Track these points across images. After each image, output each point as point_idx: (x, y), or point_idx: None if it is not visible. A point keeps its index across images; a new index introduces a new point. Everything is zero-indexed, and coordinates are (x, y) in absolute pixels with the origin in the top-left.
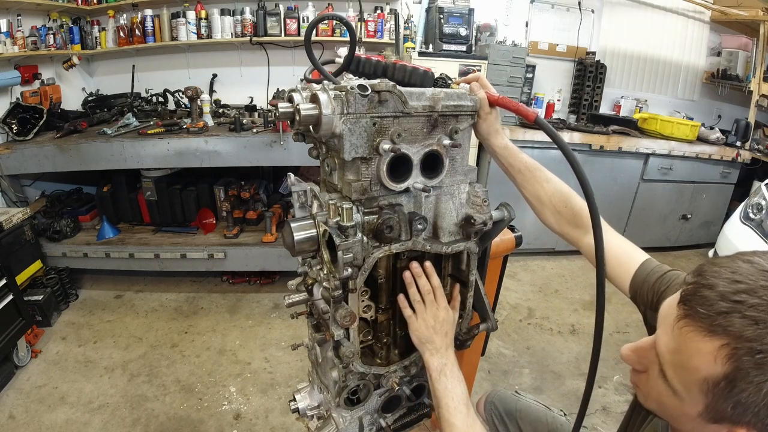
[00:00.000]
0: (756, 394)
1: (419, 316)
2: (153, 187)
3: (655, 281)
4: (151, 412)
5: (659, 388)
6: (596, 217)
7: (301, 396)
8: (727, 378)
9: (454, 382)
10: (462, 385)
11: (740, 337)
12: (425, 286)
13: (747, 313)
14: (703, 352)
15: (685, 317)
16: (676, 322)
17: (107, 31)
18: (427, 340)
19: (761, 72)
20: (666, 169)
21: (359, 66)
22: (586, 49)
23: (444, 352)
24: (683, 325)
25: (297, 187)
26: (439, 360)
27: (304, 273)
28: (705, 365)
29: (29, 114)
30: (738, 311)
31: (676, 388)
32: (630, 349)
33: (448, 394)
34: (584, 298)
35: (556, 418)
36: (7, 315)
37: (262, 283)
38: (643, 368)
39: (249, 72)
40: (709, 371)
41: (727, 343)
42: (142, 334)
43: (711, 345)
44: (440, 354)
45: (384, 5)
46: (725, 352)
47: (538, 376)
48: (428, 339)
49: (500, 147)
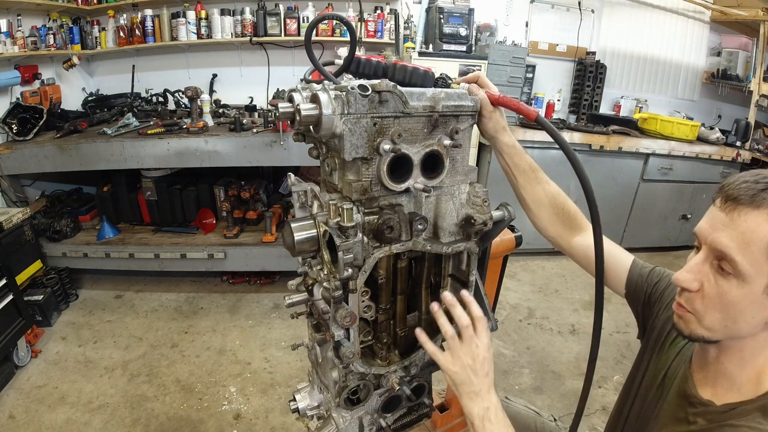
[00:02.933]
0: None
1: (454, 354)
2: (153, 187)
3: (647, 275)
4: (151, 412)
5: (722, 289)
6: (597, 216)
7: (301, 396)
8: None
9: (500, 428)
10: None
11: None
12: (463, 319)
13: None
14: (760, 221)
15: (736, 207)
16: (730, 213)
17: (107, 31)
18: (465, 382)
19: (761, 72)
20: (666, 169)
21: (359, 66)
22: (586, 49)
23: (486, 396)
24: (737, 213)
25: (297, 187)
26: (480, 405)
27: (304, 273)
28: (765, 231)
29: (29, 114)
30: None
31: (745, 270)
32: (685, 270)
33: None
34: (584, 298)
35: (545, 423)
36: (7, 315)
37: (262, 283)
38: (698, 285)
39: (249, 72)
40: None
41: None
42: (142, 334)
43: (763, 214)
44: (481, 398)
45: (384, 5)
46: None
47: (538, 376)
48: (466, 381)
49: (508, 145)
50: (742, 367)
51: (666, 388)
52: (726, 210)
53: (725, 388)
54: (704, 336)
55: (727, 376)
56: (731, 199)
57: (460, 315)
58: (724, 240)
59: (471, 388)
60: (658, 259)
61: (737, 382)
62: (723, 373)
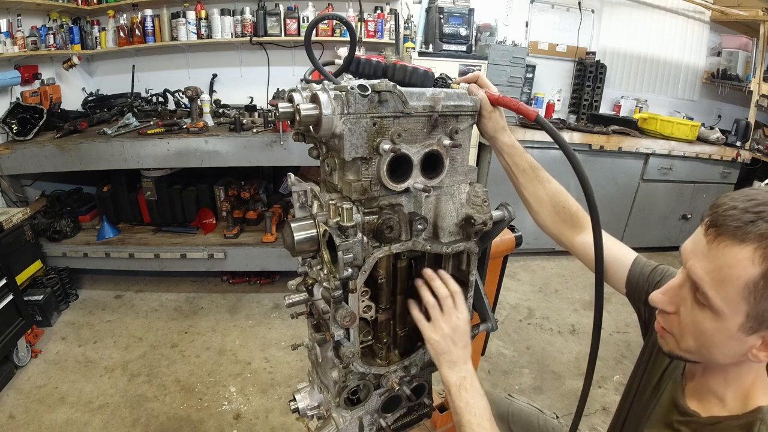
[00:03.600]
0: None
1: (435, 324)
2: (153, 187)
3: (649, 274)
4: (151, 412)
5: (696, 318)
6: (596, 216)
7: (301, 396)
8: (764, 276)
9: (475, 396)
10: (483, 400)
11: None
12: (441, 289)
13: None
14: (740, 259)
15: (718, 236)
16: (710, 243)
17: (107, 31)
18: (444, 351)
19: (761, 72)
20: (666, 169)
21: (359, 66)
22: (586, 49)
23: (462, 365)
24: (718, 243)
25: (297, 187)
26: (457, 374)
27: (304, 273)
28: (744, 271)
29: (29, 114)
30: (762, 218)
31: (718, 306)
32: (660, 292)
33: (470, 410)
34: (584, 298)
35: (548, 421)
36: (7, 315)
37: (262, 283)
38: (674, 308)
39: (249, 72)
40: (749, 274)
41: (759, 244)
42: (142, 334)
43: (746, 251)
44: (458, 367)
45: (384, 5)
46: (759, 252)
47: (538, 376)
48: (445, 350)
49: (507, 145)
50: (726, 387)
51: (661, 391)
52: (708, 237)
53: (712, 402)
54: (683, 357)
55: (713, 392)
56: (714, 226)
57: (438, 287)
58: (699, 271)
59: (450, 357)
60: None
61: (723, 398)
62: (708, 388)
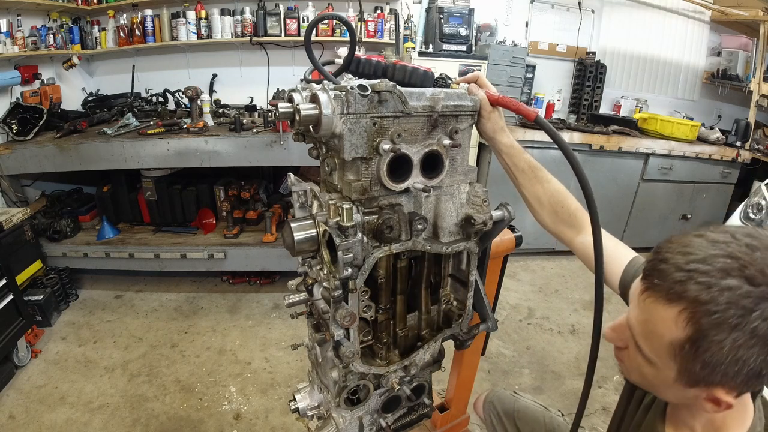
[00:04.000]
0: (719, 353)
1: None
2: (153, 187)
3: None
4: (151, 412)
5: (638, 360)
6: (595, 216)
7: (301, 396)
8: (690, 340)
9: None
10: None
11: (696, 301)
12: None
13: (700, 279)
14: (665, 318)
15: (647, 290)
16: (640, 294)
17: (107, 31)
18: None
19: (761, 72)
20: (666, 169)
21: (359, 66)
22: (586, 49)
23: None
24: (646, 296)
25: (297, 187)
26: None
27: (304, 273)
28: (669, 331)
29: (29, 114)
30: (692, 279)
31: (650, 357)
32: (610, 328)
33: None
34: (584, 298)
35: (553, 418)
36: (7, 315)
37: (262, 283)
38: (623, 344)
39: (249, 72)
40: (673, 335)
41: (685, 307)
42: (142, 334)
43: (672, 311)
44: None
45: (384, 5)
46: (684, 316)
47: (538, 376)
48: None
49: (506, 146)
50: (694, 420)
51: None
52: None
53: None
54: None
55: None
56: (647, 278)
57: None
58: (633, 320)
59: None
60: None
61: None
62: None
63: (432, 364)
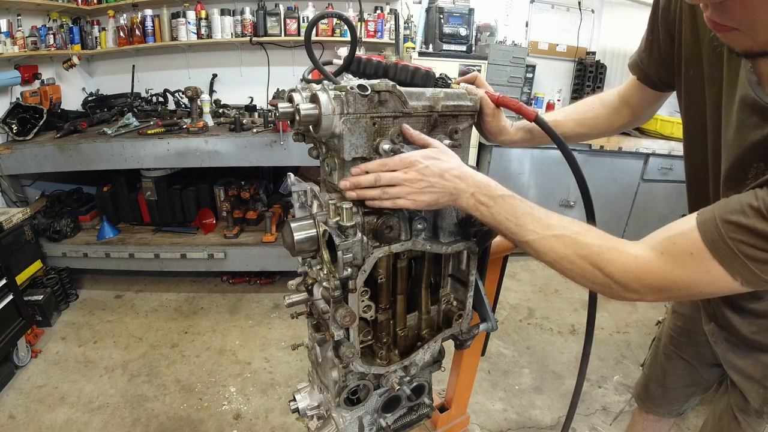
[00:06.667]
0: None
1: (406, 194)
2: (153, 187)
3: None
4: (151, 412)
5: None
6: (592, 214)
7: (301, 396)
8: None
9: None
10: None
11: None
12: (392, 165)
13: None
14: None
15: None
16: None
17: (107, 31)
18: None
19: None
20: (666, 169)
21: (359, 66)
22: (586, 49)
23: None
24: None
25: (297, 187)
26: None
27: (304, 273)
28: None
29: (29, 114)
30: None
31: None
32: None
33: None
34: (584, 298)
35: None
36: (7, 315)
37: (262, 283)
38: (731, 26)
39: (249, 72)
40: None
41: None
42: (142, 334)
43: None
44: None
45: (384, 5)
46: None
47: (538, 376)
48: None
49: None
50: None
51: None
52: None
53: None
54: (765, 50)
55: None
56: None
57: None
58: None
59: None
60: None
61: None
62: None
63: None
